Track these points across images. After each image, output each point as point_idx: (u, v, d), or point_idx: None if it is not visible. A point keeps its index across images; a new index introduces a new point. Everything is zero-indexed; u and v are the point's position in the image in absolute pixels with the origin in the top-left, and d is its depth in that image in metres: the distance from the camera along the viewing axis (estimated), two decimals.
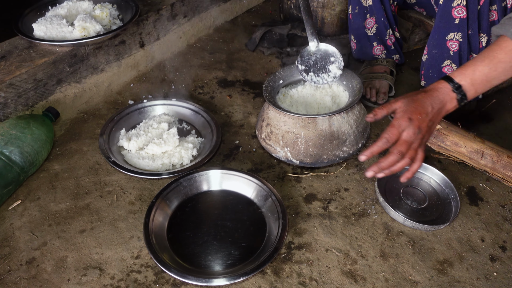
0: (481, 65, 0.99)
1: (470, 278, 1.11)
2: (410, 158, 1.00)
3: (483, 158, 1.34)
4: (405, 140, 0.98)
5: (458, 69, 1.03)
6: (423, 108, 0.99)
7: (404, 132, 0.99)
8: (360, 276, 1.11)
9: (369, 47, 1.71)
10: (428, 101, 1.00)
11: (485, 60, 0.99)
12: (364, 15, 1.63)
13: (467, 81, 1.01)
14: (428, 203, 1.30)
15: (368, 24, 1.64)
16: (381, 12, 1.60)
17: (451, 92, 1.01)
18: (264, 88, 1.42)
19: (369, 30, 1.66)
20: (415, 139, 0.99)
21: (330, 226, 1.24)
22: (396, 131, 0.98)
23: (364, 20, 1.64)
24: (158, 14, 1.85)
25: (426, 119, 0.99)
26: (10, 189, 1.26)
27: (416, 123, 0.98)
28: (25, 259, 1.13)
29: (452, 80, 1.01)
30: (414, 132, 0.98)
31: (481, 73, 1.00)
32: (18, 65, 1.45)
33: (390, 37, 1.68)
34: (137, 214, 1.26)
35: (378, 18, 1.61)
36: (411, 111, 0.98)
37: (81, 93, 1.64)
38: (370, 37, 1.67)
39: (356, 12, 1.64)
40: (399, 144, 0.99)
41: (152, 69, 1.90)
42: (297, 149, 1.35)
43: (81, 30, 1.60)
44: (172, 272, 1.06)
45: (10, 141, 1.27)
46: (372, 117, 1.04)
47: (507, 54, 0.98)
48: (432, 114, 1.00)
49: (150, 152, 1.42)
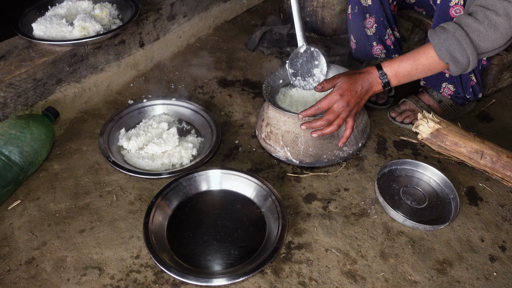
0: (406, 62, 1.20)
1: (469, 278, 1.11)
2: (337, 125, 1.23)
3: (483, 158, 1.34)
4: (333, 110, 1.21)
5: (389, 61, 1.23)
6: (354, 86, 1.21)
7: (334, 105, 1.21)
8: (360, 276, 1.11)
9: (369, 47, 1.70)
10: (359, 81, 1.22)
11: (410, 59, 1.20)
12: (363, 14, 1.62)
13: (392, 72, 1.22)
14: (427, 203, 1.30)
15: (368, 23, 1.64)
16: (380, 12, 1.60)
17: (378, 78, 1.23)
18: (264, 88, 1.42)
19: (368, 30, 1.65)
20: (344, 111, 1.21)
21: (330, 226, 1.24)
22: (327, 103, 1.21)
23: (364, 20, 1.63)
24: (157, 14, 1.85)
25: (355, 96, 1.21)
26: (9, 189, 1.26)
27: (346, 98, 1.20)
28: (24, 259, 1.13)
29: (381, 68, 1.22)
30: (343, 105, 1.20)
31: (405, 69, 1.21)
32: (17, 65, 1.45)
33: (390, 36, 1.68)
34: (137, 214, 1.25)
35: (377, 18, 1.61)
36: (344, 88, 1.20)
37: (80, 92, 1.64)
38: (370, 36, 1.67)
39: (355, 11, 1.63)
40: (328, 113, 1.22)
41: (152, 68, 1.90)
42: (297, 149, 1.35)
43: (80, 30, 1.60)
44: (171, 272, 1.06)
45: (9, 141, 1.26)
46: (320, 89, 1.24)
47: (428, 59, 1.18)
48: (361, 92, 1.22)
49: (150, 152, 1.42)
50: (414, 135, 1.54)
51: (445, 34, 1.14)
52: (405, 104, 1.62)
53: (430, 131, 1.37)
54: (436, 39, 1.16)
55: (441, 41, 1.15)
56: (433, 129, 1.36)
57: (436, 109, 1.59)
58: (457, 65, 1.17)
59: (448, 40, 1.14)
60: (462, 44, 1.12)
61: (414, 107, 1.60)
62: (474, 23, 1.11)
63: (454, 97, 1.57)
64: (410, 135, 1.56)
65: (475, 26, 1.11)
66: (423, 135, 1.39)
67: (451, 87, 1.53)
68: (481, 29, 1.11)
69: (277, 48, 2.02)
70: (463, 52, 1.13)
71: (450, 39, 1.14)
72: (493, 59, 1.63)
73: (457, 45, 1.13)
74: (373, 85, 1.24)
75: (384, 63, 1.23)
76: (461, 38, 1.12)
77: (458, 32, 1.12)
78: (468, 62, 1.15)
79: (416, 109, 1.60)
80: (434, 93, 1.59)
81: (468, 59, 1.14)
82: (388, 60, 1.24)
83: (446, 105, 1.58)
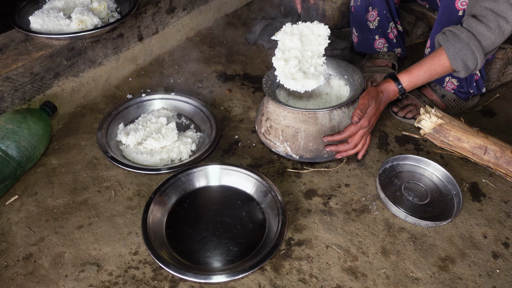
0: (423, 74, 1.26)
1: (472, 275, 1.10)
2: (362, 145, 1.30)
3: (486, 154, 1.32)
4: (360, 135, 1.27)
5: (406, 73, 1.26)
6: (379, 111, 1.27)
7: (360, 130, 1.26)
8: (361, 272, 1.10)
9: (371, 40, 1.68)
10: (382, 101, 1.27)
11: (427, 71, 1.25)
12: (366, 7, 1.60)
13: (409, 84, 1.27)
14: (430, 199, 1.28)
15: (370, 17, 1.61)
16: (383, 4, 1.57)
17: (397, 92, 1.28)
18: (264, 82, 1.40)
19: (371, 23, 1.63)
20: (366, 132, 1.28)
21: (330, 222, 1.22)
22: (356, 130, 1.25)
23: (366, 13, 1.61)
24: (156, 7, 1.82)
25: (376, 115, 1.27)
26: (7, 184, 1.25)
27: (371, 122, 1.26)
28: (22, 255, 1.12)
29: (398, 80, 1.27)
30: (368, 129, 1.28)
31: (420, 79, 1.27)
32: (14, 59, 1.43)
33: (392, 30, 1.65)
34: (135, 210, 1.24)
35: (380, 11, 1.59)
36: (371, 114, 1.24)
37: (78, 87, 1.62)
38: (372, 30, 1.65)
39: (358, 4, 1.61)
40: (356, 138, 1.27)
41: (151, 62, 1.88)
42: (297, 144, 1.33)
43: (78, 23, 1.58)
44: (170, 268, 1.04)
45: (6, 136, 1.25)
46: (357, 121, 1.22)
47: (442, 68, 1.24)
48: (381, 109, 1.29)
49: (149, 147, 1.40)
50: (417, 130, 1.52)
51: (460, 43, 1.18)
52: (408, 99, 1.60)
53: (432, 126, 1.35)
54: (451, 49, 1.20)
55: (456, 51, 1.19)
56: (436, 124, 1.34)
57: (439, 104, 1.57)
58: (467, 71, 1.23)
59: (462, 50, 1.18)
60: (475, 53, 1.17)
61: (417, 102, 1.58)
62: (486, 32, 1.15)
63: (457, 91, 1.54)
64: (412, 130, 1.54)
65: (487, 34, 1.16)
66: (426, 130, 1.37)
67: (454, 81, 1.51)
68: (492, 37, 1.16)
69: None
70: (475, 60, 1.20)
71: (465, 49, 1.18)
72: (498, 53, 1.61)
73: (471, 54, 1.18)
74: (391, 98, 1.29)
75: (402, 76, 1.26)
76: (475, 48, 1.17)
77: (472, 42, 1.17)
78: (476, 66, 1.21)
79: (418, 104, 1.57)
80: (437, 88, 1.57)
81: (477, 65, 1.20)
82: (405, 71, 1.27)
83: (449, 99, 1.56)
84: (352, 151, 1.30)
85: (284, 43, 1.33)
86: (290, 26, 1.34)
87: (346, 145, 1.28)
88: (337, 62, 1.47)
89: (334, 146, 1.29)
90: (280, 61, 1.29)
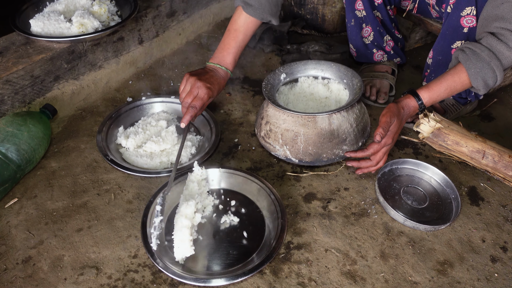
0: (444, 92, 1.26)
1: (470, 279, 1.10)
2: (383, 162, 1.30)
3: (485, 158, 1.32)
4: (383, 152, 1.27)
5: (427, 89, 1.26)
6: (401, 127, 1.28)
7: (384, 148, 1.26)
8: (360, 276, 1.10)
9: (370, 54, 1.70)
10: (404, 118, 1.27)
11: (448, 89, 1.25)
12: (360, 25, 1.63)
13: (429, 101, 1.27)
14: (428, 203, 1.29)
15: (365, 33, 1.64)
16: (375, 22, 1.60)
17: (417, 108, 1.28)
18: (264, 86, 1.41)
19: (366, 39, 1.65)
20: (389, 149, 1.29)
21: (329, 226, 1.22)
22: (380, 148, 1.25)
23: (361, 30, 1.64)
24: (157, 11, 1.83)
25: (399, 132, 1.28)
26: (6, 187, 1.25)
27: (394, 140, 1.26)
28: (21, 258, 1.12)
29: (419, 98, 1.26)
30: (391, 146, 1.27)
31: (440, 96, 1.27)
32: (15, 62, 1.44)
33: (388, 43, 1.68)
34: (135, 213, 1.24)
35: (373, 27, 1.61)
36: (394, 132, 1.24)
37: (79, 90, 1.62)
38: (368, 45, 1.67)
39: (352, 24, 1.64)
40: (378, 156, 1.27)
41: (151, 66, 1.88)
42: (296, 148, 1.34)
43: (79, 26, 1.58)
44: (169, 272, 1.04)
45: (6, 139, 1.25)
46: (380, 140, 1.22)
47: (463, 86, 1.25)
48: (402, 127, 1.29)
49: (149, 150, 1.41)
50: (415, 134, 1.52)
51: (481, 63, 1.20)
52: None
53: (431, 130, 1.36)
54: (473, 68, 1.21)
55: (478, 71, 1.20)
56: (435, 128, 1.35)
57: (437, 108, 1.57)
58: (487, 88, 1.25)
59: (483, 69, 1.20)
60: (496, 72, 1.19)
61: None
62: (506, 51, 1.17)
63: (456, 96, 1.55)
64: (411, 134, 1.54)
65: (507, 54, 1.17)
66: (424, 134, 1.38)
67: None
68: (511, 56, 1.17)
69: (277, 46, 2.01)
70: (495, 78, 1.22)
71: (486, 68, 1.19)
72: None
73: (491, 73, 1.20)
74: (411, 114, 1.29)
75: (422, 92, 1.26)
76: (495, 68, 1.18)
77: (493, 62, 1.18)
78: (495, 83, 1.23)
79: None
80: None
81: (496, 82, 1.24)
82: (425, 87, 1.27)
83: (447, 104, 1.57)
84: (374, 168, 1.29)
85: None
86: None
87: (368, 161, 1.28)
88: (337, 66, 1.48)
89: (356, 163, 1.29)
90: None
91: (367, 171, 1.30)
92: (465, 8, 1.29)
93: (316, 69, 1.52)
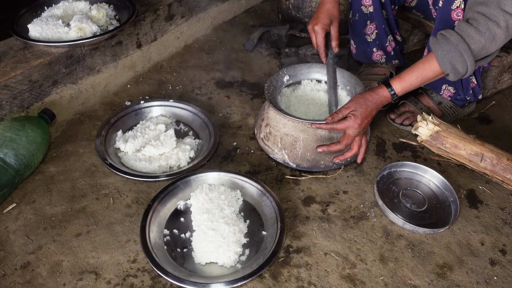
0: (414, 78, 1.26)
1: (470, 282, 1.10)
2: (357, 146, 1.32)
3: (483, 161, 1.33)
4: (350, 135, 1.29)
5: (397, 78, 1.28)
6: (370, 113, 1.28)
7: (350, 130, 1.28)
8: (359, 280, 1.10)
9: (369, 53, 1.70)
10: (374, 106, 1.28)
11: (419, 76, 1.25)
12: (364, 21, 1.61)
13: (401, 89, 1.28)
14: (427, 206, 1.29)
15: (368, 30, 1.63)
16: (382, 19, 1.58)
17: (389, 97, 1.30)
18: (266, 88, 1.40)
19: (368, 36, 1.65)
20: (358, 134, 1.30)
21: (329, 229, 1.22)
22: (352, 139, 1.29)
23: (365, 27, 1.63)
24: (155, 15, 1.83)
25: (368, 119, 1.28)
26: (5, 192, 1.24)
27: (362, 125, 1.27)
28: (20, 264, 1.12)
29: (390, 85, 1.28)
30: (359, 131, 1.28)
31: (412, 84, 1.27)
32: (13, 66, 1.44)
33: (391, 42, 1.67)
34: (134, 217, 1.24)
35: (379, 25, 1.60)
36: (362, 118, 1.26)
37: (77, 94, 1.62)
38: (370, 43, 1.66)
39: (356, 18, 1.62)
40: (345, 138, 1.29)
41: (149, 69, 1.88)
42: (294, 153, 1.34)
43: (77, 31, 1.58)
44: (169, 276, 1.04)
45: (4, 144, 1.25)
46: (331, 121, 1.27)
47: (433, 72, 1.24)
48: (372, 113, 1.29)
49: (147, 154, 1.40)
50: (414, 137, 1.52)
51: (448, 45, 1.18)
52: (405, 106, 1.61)
53: (429, 133, 1.36)
54: (439, 51, 1.19)
55: (444, 53, 1.19)
56: (433, 131, 1.35)
57: (435, 111, 1.58)
58: (456, 74, 1.22)
59: (450, 52, 1.18)
60: (464, 56, 1.17)
61: (414, 109, 1.59)
62: (476, 35, 1.14)
63: (454, 98, 1.56)
64: (410, 137, 1.55)
65: (477, 37, 1.15)
66: (423, 137, 1.38)
67: (451, 89, 1.52)
68: (482, 40, 1.15)
69: (276, 49, 2.01)
70: (464, 64, 1.18)
71: (453, 51, 1.17)
72: (493, 61, 1.62)
73: (459, 57, 1.17)
74: (383, 102, 1.30)
75: (393, 81, 1.28)
76: (463, 51, 1.16)
77: (461, 45, 1.16)
78: (466, 71, 1.20)
79: (415, 111, 1.59)
80: (433, 95, 1.58)
81: (467, 69, 1.19)
82: (397, 77, 1.28)
83: (445, 107, 1.57)
84: (350, 154, 1.32)
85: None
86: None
87: (337, 144, 1.30)
88: (340, 72, 1.48)
89: (325, 147, 1.31)
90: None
91: (343, 158, 1.33)
92: (455, 1, 1.29)
93: (320, 72, 1.52)
